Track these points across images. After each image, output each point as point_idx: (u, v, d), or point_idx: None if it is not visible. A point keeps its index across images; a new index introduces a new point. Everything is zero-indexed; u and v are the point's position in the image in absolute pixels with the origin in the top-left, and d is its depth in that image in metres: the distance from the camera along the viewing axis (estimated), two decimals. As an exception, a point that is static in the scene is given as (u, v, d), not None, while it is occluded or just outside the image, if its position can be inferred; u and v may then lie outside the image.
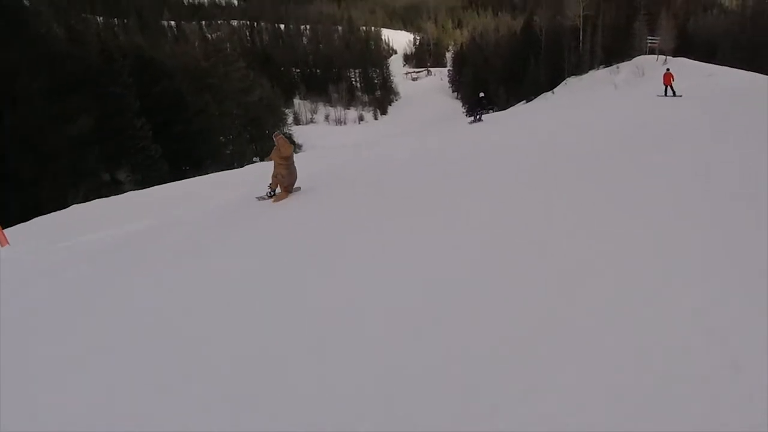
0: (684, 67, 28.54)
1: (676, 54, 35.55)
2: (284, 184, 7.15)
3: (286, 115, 53.35)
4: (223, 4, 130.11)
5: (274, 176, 7.17)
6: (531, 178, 5.75)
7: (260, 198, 7.52)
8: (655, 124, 9.23)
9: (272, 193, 7.39)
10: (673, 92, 18.10)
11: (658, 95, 18.39)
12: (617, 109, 14.79)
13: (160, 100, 29.00)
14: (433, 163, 8.35)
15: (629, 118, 11.12)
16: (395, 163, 9.40)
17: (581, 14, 43.85)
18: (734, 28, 42.58)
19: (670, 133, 7.76)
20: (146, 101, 27.71)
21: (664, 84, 18.60)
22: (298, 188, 7.53)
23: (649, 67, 32.45)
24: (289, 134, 46.26)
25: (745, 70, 25.56)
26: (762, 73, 23.44)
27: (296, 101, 72.88)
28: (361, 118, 74.29)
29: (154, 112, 28.11)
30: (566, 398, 1.92)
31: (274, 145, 7.02)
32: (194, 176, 17.41)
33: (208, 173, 18.74)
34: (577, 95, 33.92)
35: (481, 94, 18.11)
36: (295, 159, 7.28)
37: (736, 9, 53.14)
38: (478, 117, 17.42)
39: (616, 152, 6.64)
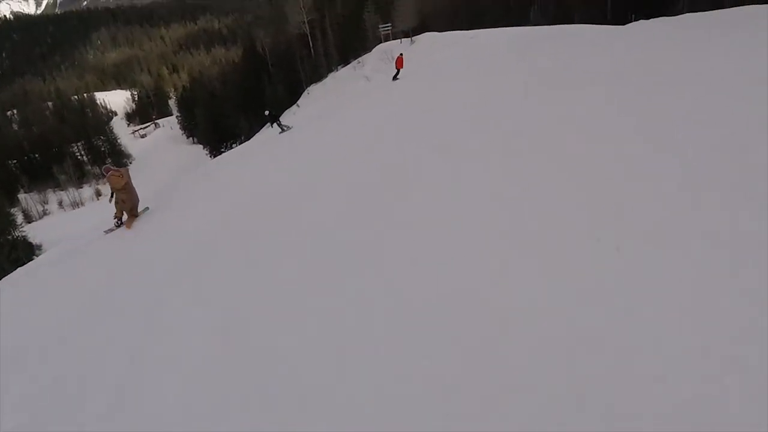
0: (444, 38, 31.16)
1: (414, 33, 35.58)
2: (127, 208, 7.63)
3: (14, 215, 44.03)
4: None
5: (116, 203, 7.62)
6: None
7: (108, 230, 7.76)
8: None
9: (120, 223, 7.75)
10: (396, 76, 19.13)
11: (393, 80, 18.84)
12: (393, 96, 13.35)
13: None
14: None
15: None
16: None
17: (305, 20, 42.58)
18: (444, 5, 44.83)
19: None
20: None
21: (397, 68, 19.61)
22: (146, 208, 8.14)
23: (397, 50, 31.10)
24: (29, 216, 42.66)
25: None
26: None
27: (21, 197, 63.20)
28: (98, 194, 67.34)
29: None
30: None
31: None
32: None
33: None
34: (329, 99, 30.22)
35: (267, 112, 18.56)
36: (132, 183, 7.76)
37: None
38: (283, 128, 17.88)
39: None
